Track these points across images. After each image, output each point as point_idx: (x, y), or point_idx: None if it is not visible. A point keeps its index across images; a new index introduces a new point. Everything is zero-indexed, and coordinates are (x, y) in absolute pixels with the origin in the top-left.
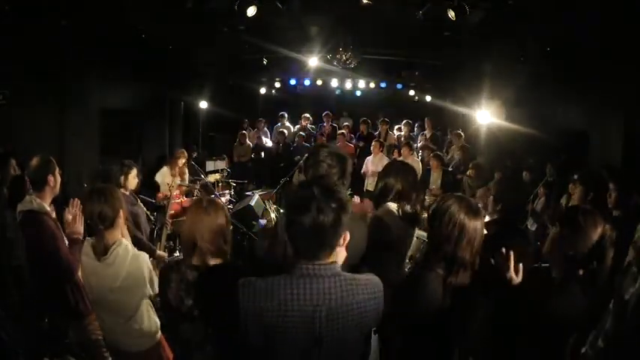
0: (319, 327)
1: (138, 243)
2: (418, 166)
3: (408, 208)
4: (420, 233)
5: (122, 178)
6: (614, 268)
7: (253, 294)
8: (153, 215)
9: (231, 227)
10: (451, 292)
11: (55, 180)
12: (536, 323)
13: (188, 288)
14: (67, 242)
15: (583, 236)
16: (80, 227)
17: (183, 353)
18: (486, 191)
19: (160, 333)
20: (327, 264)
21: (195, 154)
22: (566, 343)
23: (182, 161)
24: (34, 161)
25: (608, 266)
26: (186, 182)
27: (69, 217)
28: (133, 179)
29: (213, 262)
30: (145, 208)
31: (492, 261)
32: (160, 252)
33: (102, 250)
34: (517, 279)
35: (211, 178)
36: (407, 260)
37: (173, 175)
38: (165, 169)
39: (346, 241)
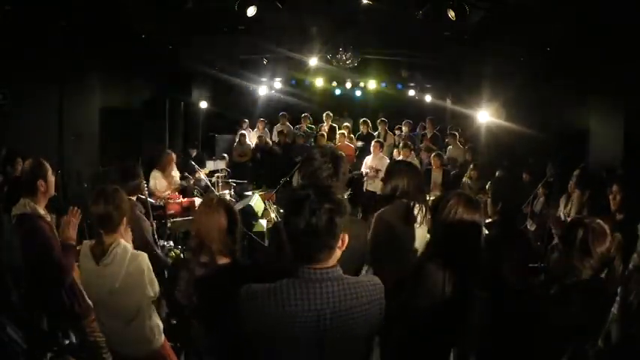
0: (323, 331)
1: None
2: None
3: (415, 208)
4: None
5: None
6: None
7: (256, 300)
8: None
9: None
10: (451, 284)
11: (47, 184)
12: (536, 329)
13: (196, 285)
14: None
15: (592, 255)
16: (73, 233)
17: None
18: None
19: (163, 337)
20: (328, 267)
21: (194, 154)
22: (566, 349)
23: (172, 163)
24: (26, 165)
25: (618, 273)
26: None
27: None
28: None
29: (221, 261)
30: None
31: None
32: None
33: (100, 253)
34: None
35: (202, 172)
36: None
37: (166, 178)
38: (155, 173)
39: (345, 244)
